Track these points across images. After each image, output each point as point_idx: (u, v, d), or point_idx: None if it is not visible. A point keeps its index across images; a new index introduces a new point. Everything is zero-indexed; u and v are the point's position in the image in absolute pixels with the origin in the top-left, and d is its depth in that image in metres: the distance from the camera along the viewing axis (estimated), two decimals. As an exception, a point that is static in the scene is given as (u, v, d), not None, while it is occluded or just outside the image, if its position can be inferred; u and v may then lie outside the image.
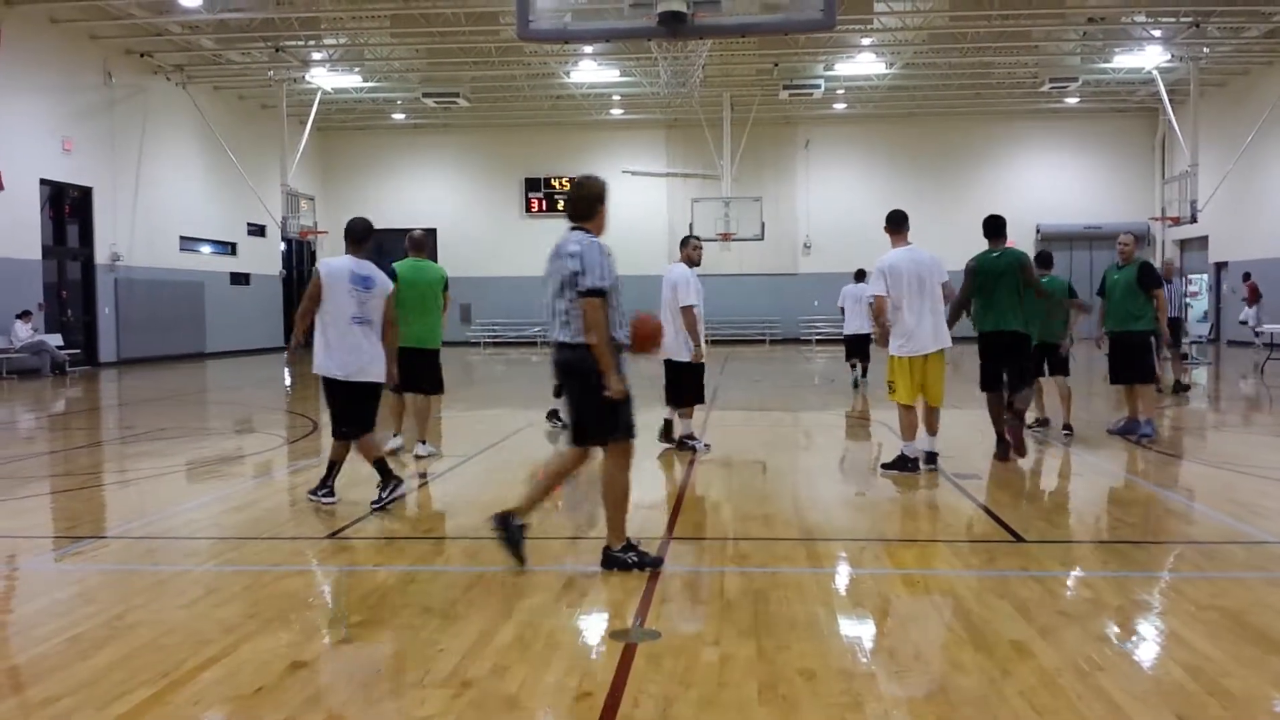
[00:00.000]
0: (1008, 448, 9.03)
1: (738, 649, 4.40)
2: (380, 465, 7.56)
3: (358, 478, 8.18)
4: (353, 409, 7.54)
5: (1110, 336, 10.45)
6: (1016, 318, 8.90)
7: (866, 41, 26.64)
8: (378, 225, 30.80)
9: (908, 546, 6.12)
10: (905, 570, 5.67)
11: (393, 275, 9.05)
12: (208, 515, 7.54)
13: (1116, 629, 4.70)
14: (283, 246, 33.17)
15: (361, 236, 7.69)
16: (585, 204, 5.89)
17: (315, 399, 18.53)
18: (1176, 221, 28.37)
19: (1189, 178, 27.11)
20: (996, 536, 6.32)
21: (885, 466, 8.74)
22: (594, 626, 4.82)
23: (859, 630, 4.81)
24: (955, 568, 5.68)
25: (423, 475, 8.98)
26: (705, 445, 10.28)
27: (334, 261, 7.55)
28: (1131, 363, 10.30)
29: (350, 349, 7.38)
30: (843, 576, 5.77)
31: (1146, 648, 4.53)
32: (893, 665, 4.26)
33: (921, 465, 8.64)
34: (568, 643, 4.55)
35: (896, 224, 8.78)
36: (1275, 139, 27.06)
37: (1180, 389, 15.23)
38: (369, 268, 7.54)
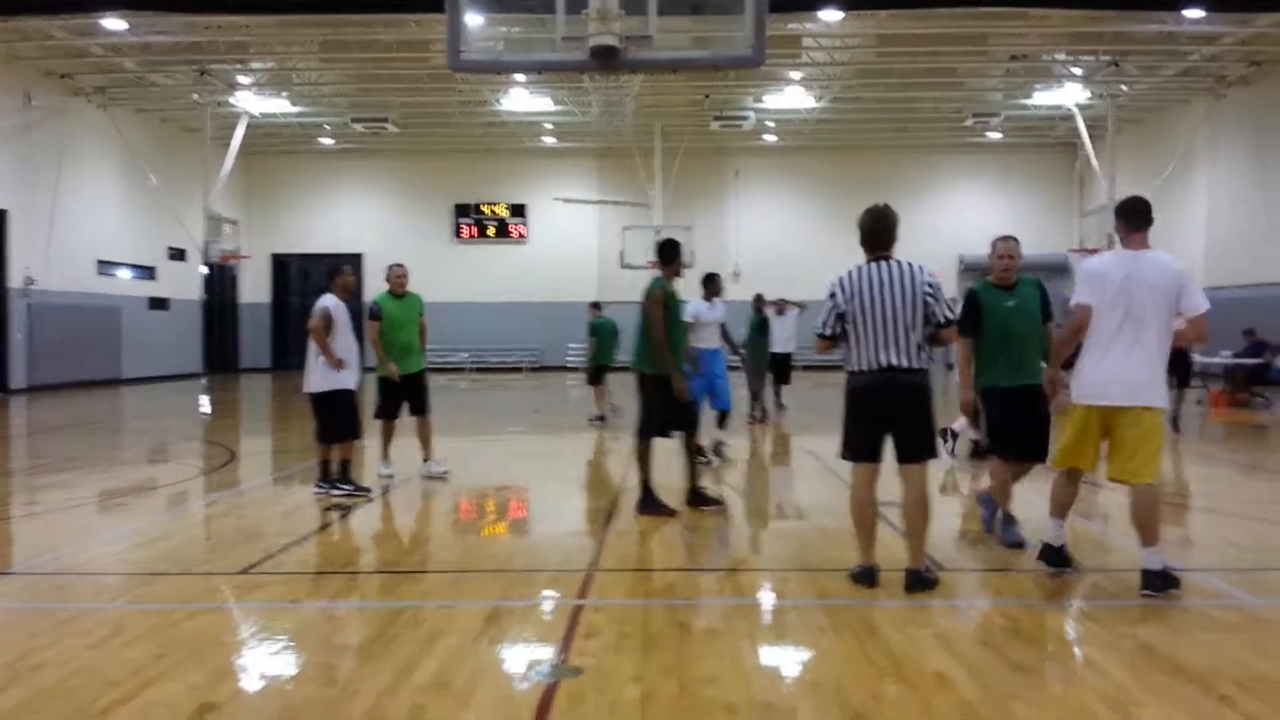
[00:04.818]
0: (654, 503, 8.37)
1: (661, 685, 4.35)
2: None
3: (262, 517, 7.98)
4: None
5: (1008, 393, 6.82)
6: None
7: (795, 75, 27.01)
8: (304, 250, 30.30)
9: (832, 576, 6.12)
10: (828, 600, 5.67)
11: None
12: (117, 550, 7.31)
13: (1033, 658, 4.74)
14: (204, 271, 32.53)
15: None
16: (892, 234, 5.98)
17: (234, 428, 18.18)
18: (1094, 253, 29.11)
19: (1106, 211, 27.82)
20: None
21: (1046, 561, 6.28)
22: (516, 663, 4.74)
23: (782, 662, 4.80)
24: (878, 597, 5.70)
25: (340, 508, 8.78)
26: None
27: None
28: (1041, 432, 6.86)
29: None
30: (767, 607, 5.76)
31: (1063, 677, 4.58)
32: (815, 698, 4.26)
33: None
34: (488, 681, 4.47)
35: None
36: (1190, 174, 27.94)
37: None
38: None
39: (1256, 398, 19.00)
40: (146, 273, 30.60)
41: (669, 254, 8.54)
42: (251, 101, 28.12)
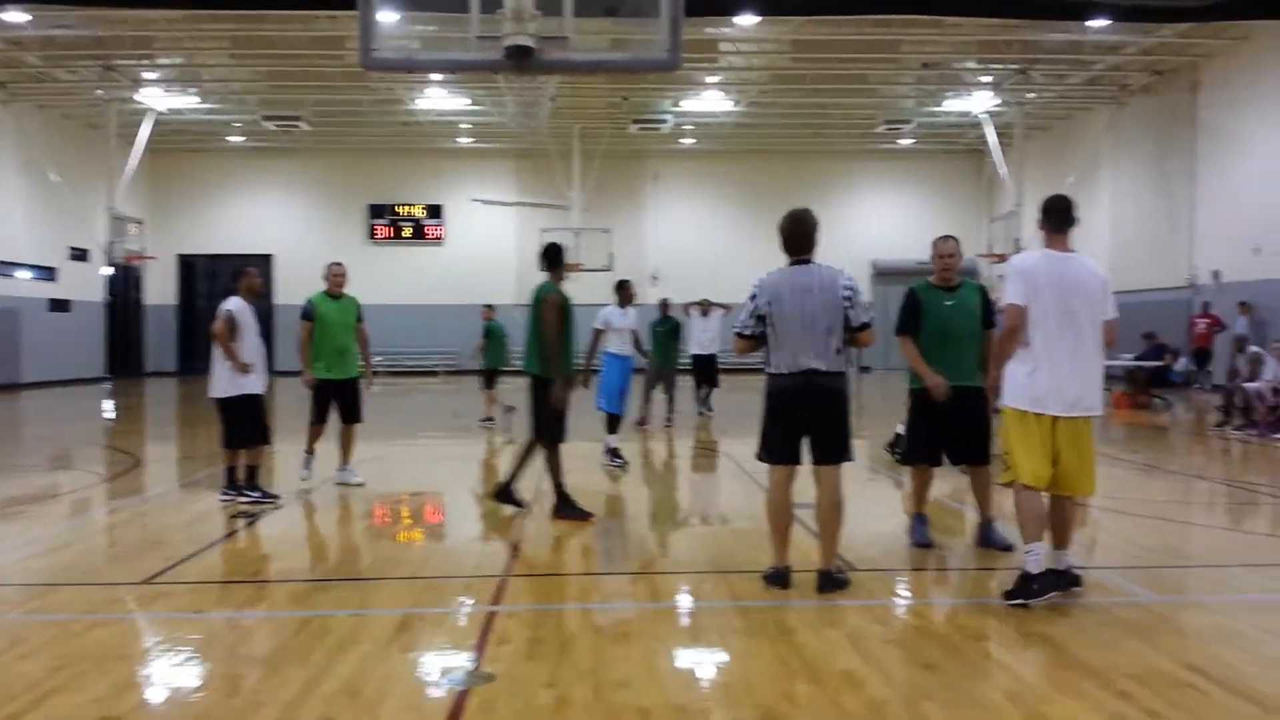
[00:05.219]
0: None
1: (574, 690, 4.33)
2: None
3: (167, 525, 7.78)
4: None
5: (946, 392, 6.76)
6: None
7: (713, 79, 27.19)
8: (212, 251, 29.44)
9: (745, 578, 6.16)
10: (742, 602, 5.71)
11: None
12: (15, 559, 7.03)
13: (942, 656, 4.82)
14: (108, 272, 31.59)
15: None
16: (812, 238, 6.02)
17: (139, 433, 17.70)
18: (1002, 258, 29.74)
19: (1014, 216, 28.51)
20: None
21: (1009, 597, 5.58)
22: (427, 671, 4.68)
23: (695, 665, 4.82)
24: (791, 598, 5.75)
25: (247, 515, 8.59)
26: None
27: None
28: (981, 432, 6.94)
29: None
30: (681, 610, 5.78)
31: (970, 675, 4.66)
32: (727, 699, 4.28)
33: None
34: (399, 689, 4.40)
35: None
36: (1095, 180, 28.75)
37: None
38: None
39: (1157, 400, 19.62)
40: (47, 273, 29.60)
41: (556, 258, 8.55)
42: (158, 98, 27.40)
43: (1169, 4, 18.54)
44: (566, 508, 8.27)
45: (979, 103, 28.27)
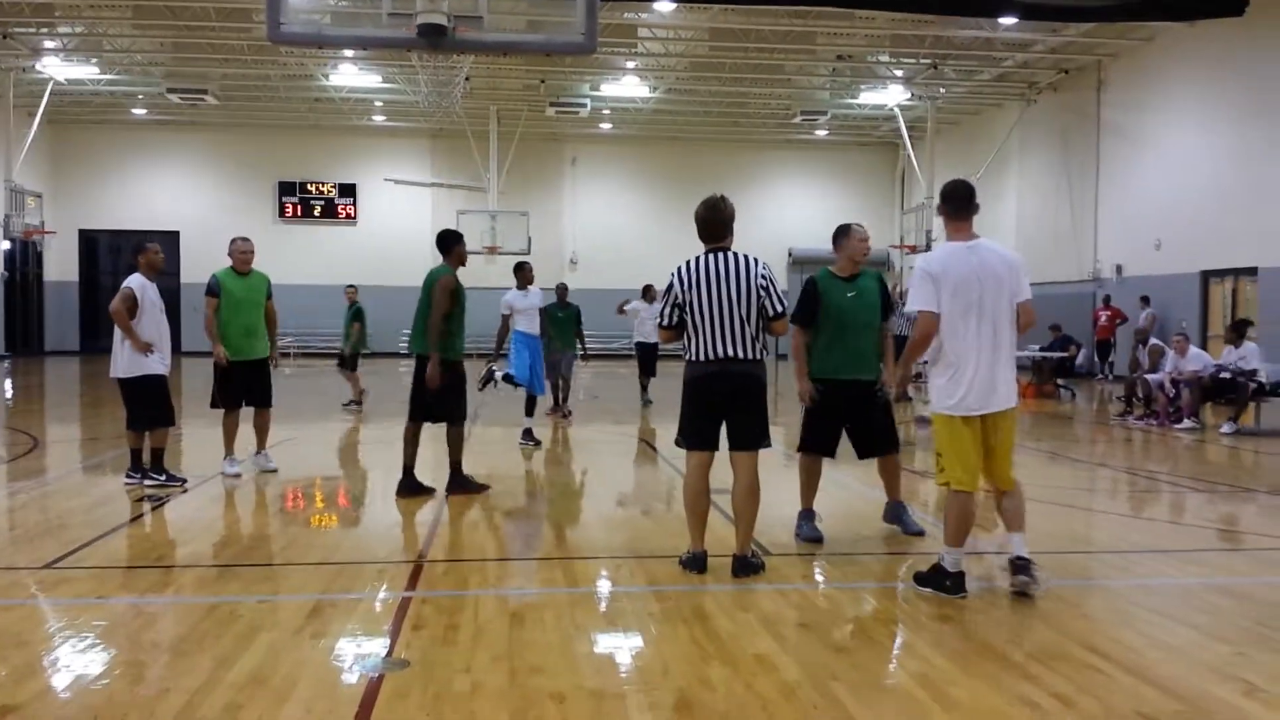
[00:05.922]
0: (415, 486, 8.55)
1: (489, 676, 4.31)
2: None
3: (69, 508, 7.55)
4: None
5: (845, 385, 6.84)
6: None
7: (631, 65, 27.18)
8: (115, 226, 28.57)
9: (662, 562, 6.20)
10: (658, 587, 5.74)
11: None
12: (-97, 545, 6.78)
13: (852, 639, 4.91)
14: (5, 247, 30.46)
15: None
16: (727, 226, 6.04)
17: (39, 413, 17.12)
18: (914, 250, 30.32)
19: (925, 209, 29.05)
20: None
21: (919, 580, 5.72)
22: (339, 658, 4.61)
23: (611, 649, 4.83)
24: (706, 582, 5.80)
25: (153, 499, 8.37)
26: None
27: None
28: (884, 424, 7.07)
29: None
30: (598, 595, 5.79)
31: (879, 657, 4.76)
32: (642, 683, 4.29)
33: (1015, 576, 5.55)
34: (309, 676, 4.33)
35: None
36: (1003, 175, 29.41)
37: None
38: None
39: (1061, 389, 20.19)
40: (-61, 247, 28.48)
41: (448, 243, 8.62)
42: (58, 68, 26.47)
43: (1074, 4, 19.01)
44: (461, 483, 8.55)
45: (892, 96, 28.73)
